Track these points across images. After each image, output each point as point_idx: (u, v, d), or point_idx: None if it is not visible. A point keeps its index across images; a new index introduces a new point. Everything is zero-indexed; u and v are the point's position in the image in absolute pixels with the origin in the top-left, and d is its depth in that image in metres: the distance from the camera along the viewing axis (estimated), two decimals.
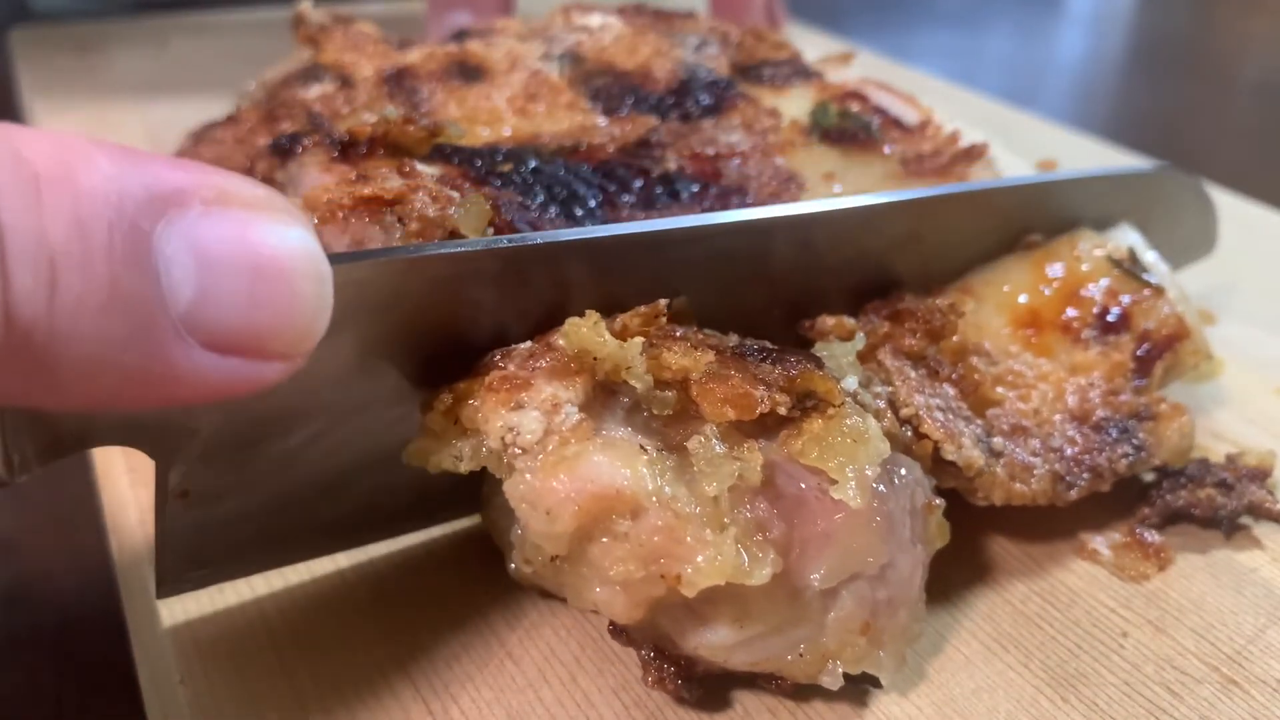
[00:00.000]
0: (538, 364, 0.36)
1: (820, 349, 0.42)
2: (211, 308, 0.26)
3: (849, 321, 0.44)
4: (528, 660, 0.40)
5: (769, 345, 0.38)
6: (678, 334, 0.38)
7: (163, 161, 0.27)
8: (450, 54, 0.64)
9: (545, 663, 0.39)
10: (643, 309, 0.38)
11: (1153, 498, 0.47)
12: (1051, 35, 1.62)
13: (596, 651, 0.40)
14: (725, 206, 0.51)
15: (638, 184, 0.51)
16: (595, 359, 0.36)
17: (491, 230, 0.42)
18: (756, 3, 0.96)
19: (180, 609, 0.41)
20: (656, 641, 0.38)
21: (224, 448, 0.36)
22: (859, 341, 0.42)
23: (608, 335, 0.36)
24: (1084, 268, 0.49)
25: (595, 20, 0.69)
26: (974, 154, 0.55)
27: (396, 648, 0.40)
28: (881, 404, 0.41)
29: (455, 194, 0.42)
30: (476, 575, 0.43)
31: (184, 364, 0.26)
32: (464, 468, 0.36)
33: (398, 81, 0.60)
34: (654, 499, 0.34)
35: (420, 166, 0.46)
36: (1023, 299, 0.48)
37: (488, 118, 0.57)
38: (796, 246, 0.44)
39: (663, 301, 0.39)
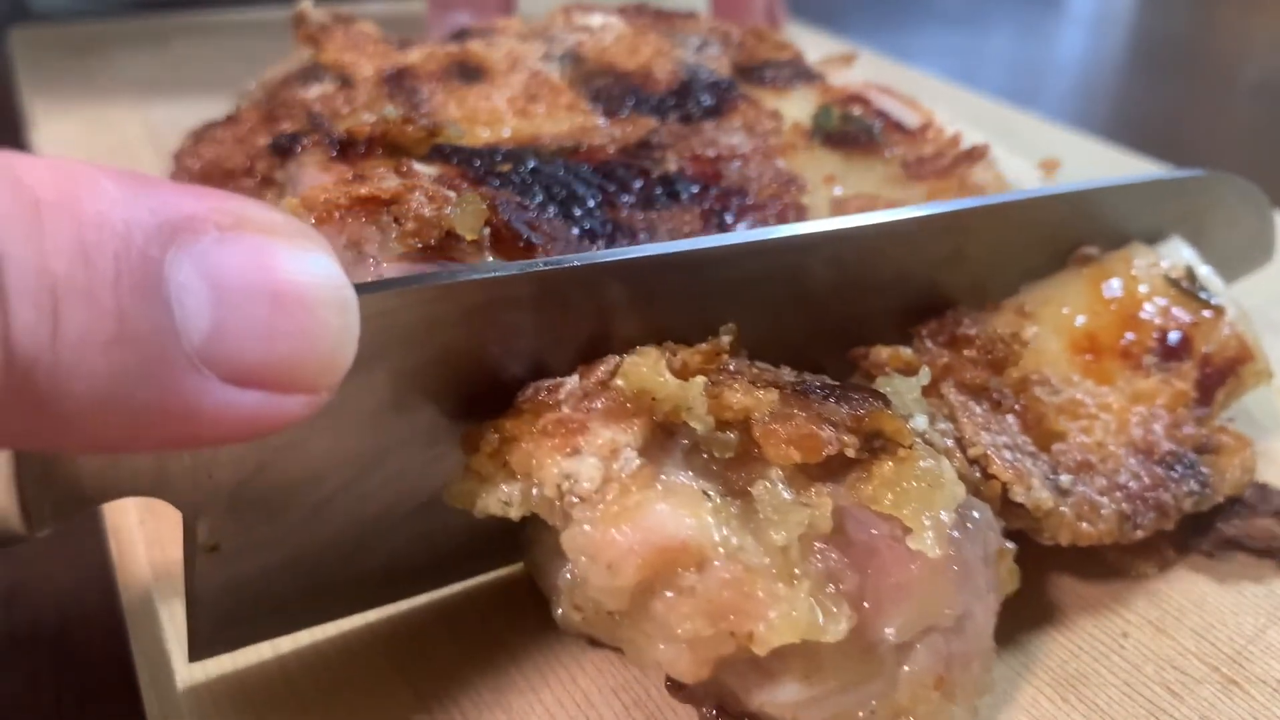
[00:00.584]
0: (593, 405, 0.34)
1: (883, 384, 0.39)
2: (229, 339, 0.25)
3: (905, 352, 0.42)
4: (528, 663, 0.39)
5: (831, 382, 0.36)
6: (731, 367, 0.36)
7: (174, 187, 0.25)
8: (450, 54, 0.64)
9: (545, 663, 0.39)
10: (704, 346, 0.36)
11: (1204, 526, 0.45)
12: (1052, 35, 1.62)
13: (596, 652, 0.40)
14: (725, 208, 0.51)
15: (638, 184, 0.51)
16: (654, 399, 0.34)
17: (488, 230, 0.42)
18: (758, 3, 0.96)
19: (180, 610, 0.41)
20: (719, 699, 0.36)
21: (253, 497, 0.34)
22: (924, 376, 0.40)
23: (668, 375, 0.34)
24: (1141, 288, 0.47)
25: (596, 20, 0.69)
26: (975, 155, 0.55)
27: (395, 649, 0.40)
28: (949, 443, 0.39)
29: (452, 194, 0.42)
30: (478, 577, 0.43)
31: (202, 399, 0.25)
32: (514, 513, 0.34)
33: (398, 82, 0.60)
34: (720, 550, 0.32)
35: (418, 167, 0.46)
36: (1080, 321, 0.46)
37: (488, 118, 0.57)
38: (838, 265, 0.42)
39: (725, 338, 0.37)
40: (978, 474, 0.39)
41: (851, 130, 0.56)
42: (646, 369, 0.34)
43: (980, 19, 1.61)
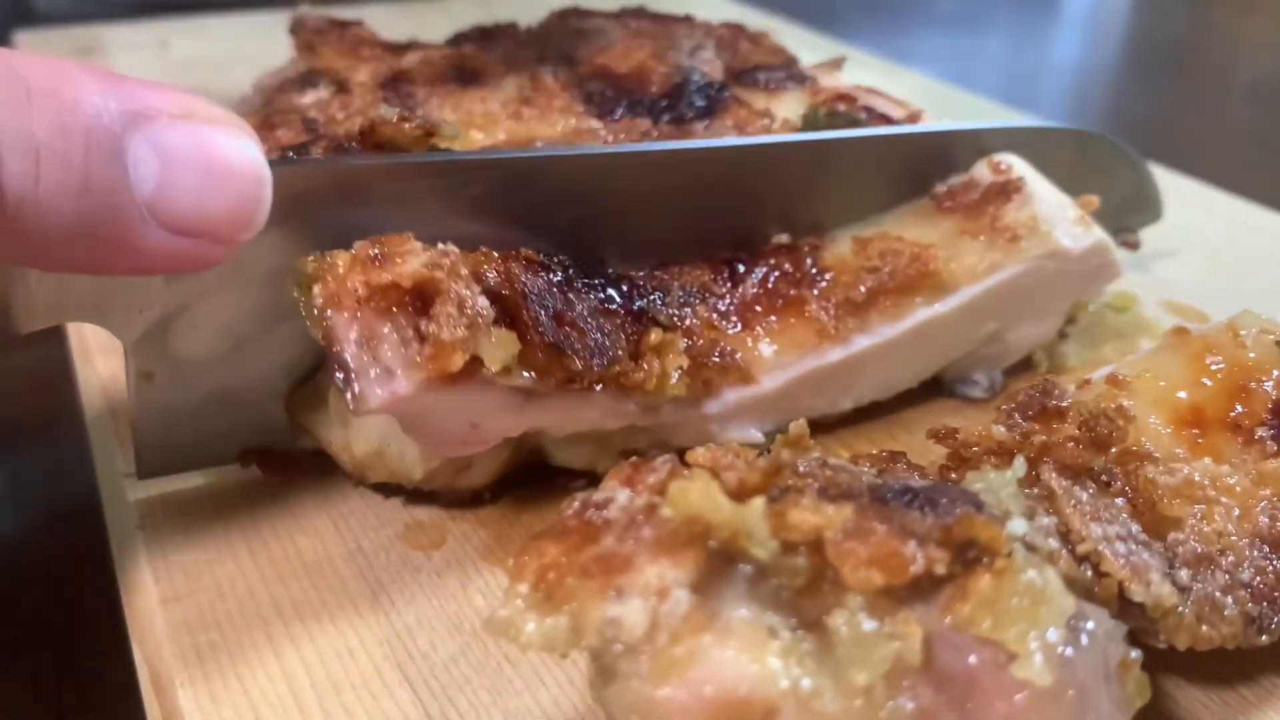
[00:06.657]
0: (639, 534, 0.30)
1: (973, 481, 0.35)
2: (169, 196, 0.32)
3: (997, 431, 0.39)
4: (525, 663, 0.40)
5: (912, 484, 0.32)
6: (802, 468, 0.32)
7: (140, 83, 0.33)
8: (447, 57, 0.64)
9: (543, 665, 0.40)
10: (762, 463, 0.32)
11: None
12: (1048, 37, 1.63)
13: None
14: None
15: None
16: (708, 525, 0.30)
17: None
18: None
19: (180, 612, 0.41)
20: None
21: (179, 333, 0.41)
22: (1019, 468, 0.35)
23: (722, 499, 0.30)
24: (1250, 356, 0.43)
25: (592, 24, 0.69)
26: (1010, 189, 0.54)
27: (395, 651, 0.40)
28: (1054, 543, 0.35)
29: (485, 307, 0.39)
30: (475, 578, 0.44)
31: (145, 240, 0.33)
32: (561, 652, 0.30)
33: (393, 86, 0.60)
34: (791, 700, 0.29)
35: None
36: (1182, 395, 0.42)
37: (482, 121, 0.58)
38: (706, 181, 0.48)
39: (785, 452, 0.33)
40: (1088, 573, 0.35)
41: (837, 126, 0.57)
42: (695, 494, 0.30)
43: (976, 22, 1.62)
